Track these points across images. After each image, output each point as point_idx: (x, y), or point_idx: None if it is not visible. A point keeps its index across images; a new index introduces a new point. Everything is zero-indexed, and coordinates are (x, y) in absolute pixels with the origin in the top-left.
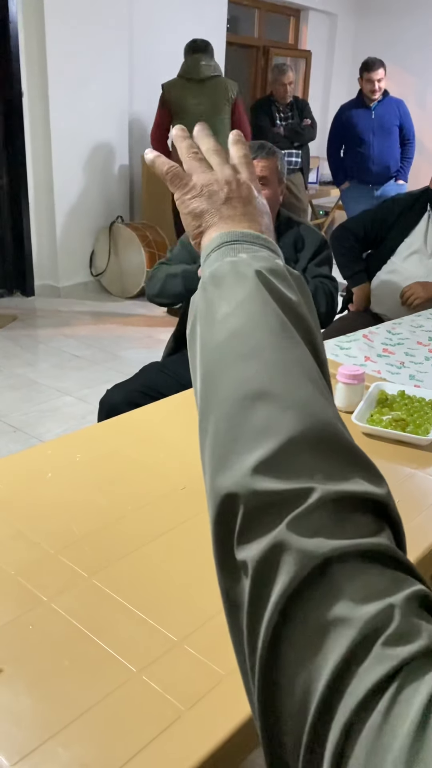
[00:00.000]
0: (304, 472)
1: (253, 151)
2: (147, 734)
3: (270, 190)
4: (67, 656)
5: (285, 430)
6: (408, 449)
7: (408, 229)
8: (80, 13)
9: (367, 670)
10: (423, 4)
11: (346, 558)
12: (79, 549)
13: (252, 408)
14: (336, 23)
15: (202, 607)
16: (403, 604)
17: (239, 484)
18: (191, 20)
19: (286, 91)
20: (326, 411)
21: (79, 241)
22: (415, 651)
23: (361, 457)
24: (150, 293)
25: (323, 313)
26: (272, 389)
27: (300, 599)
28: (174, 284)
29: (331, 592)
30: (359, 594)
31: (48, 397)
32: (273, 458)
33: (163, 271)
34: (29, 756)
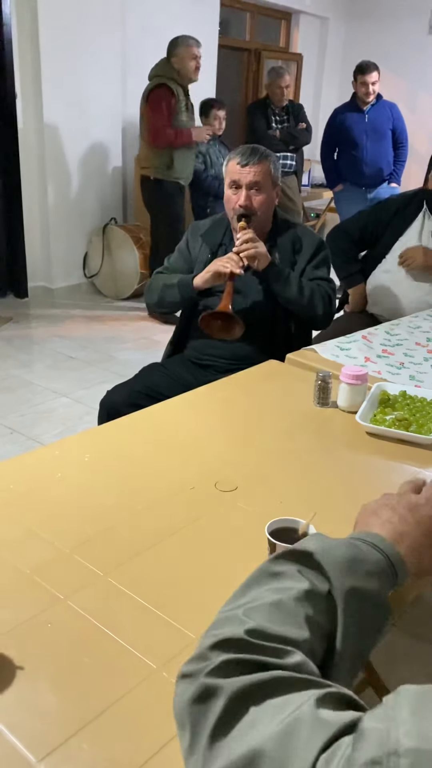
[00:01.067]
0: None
1: (245, 157)
2: (170, 729)
3: (265, 195)
4: (86, 653)
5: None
6: (411, 448)
7: (403, 229)
8: (74, 16)
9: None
10: (413, 8)
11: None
12: (92, 548)
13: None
14: (327, 27)
15: (216, 605)
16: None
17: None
18: (183, 23)
19: (282, 94)
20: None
21: (73, 242)
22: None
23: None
24: (149, 303)
25: (320, 315)
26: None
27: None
28: (171, 294)
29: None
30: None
31: (44, 398)
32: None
33: (159, 281)
34: (55, 751)
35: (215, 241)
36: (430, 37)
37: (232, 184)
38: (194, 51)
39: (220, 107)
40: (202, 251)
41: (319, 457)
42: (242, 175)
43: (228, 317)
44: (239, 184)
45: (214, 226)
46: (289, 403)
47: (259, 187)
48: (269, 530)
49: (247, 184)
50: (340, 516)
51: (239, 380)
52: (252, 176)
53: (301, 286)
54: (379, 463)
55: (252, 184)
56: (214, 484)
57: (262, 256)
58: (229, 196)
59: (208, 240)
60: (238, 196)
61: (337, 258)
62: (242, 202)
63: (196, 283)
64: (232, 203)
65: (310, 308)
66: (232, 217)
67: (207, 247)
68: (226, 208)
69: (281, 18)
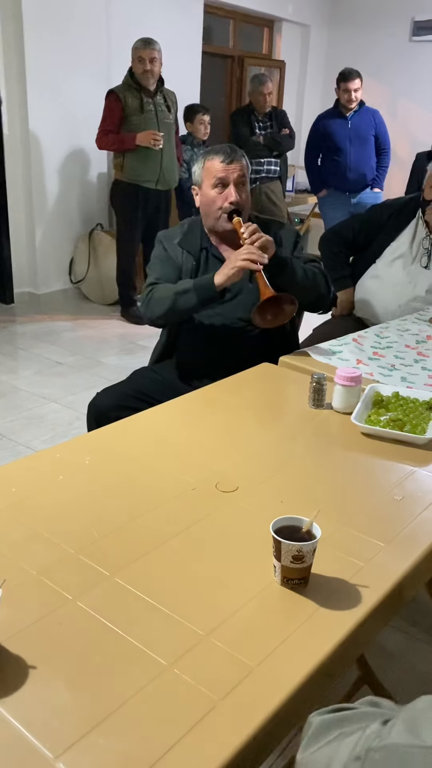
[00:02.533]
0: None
1: (227, 155)
2: (184, 724)
3: (246, 193)
4: (98, 652)
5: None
6: (406, 448)
7: (395, 234)
8: (58, 22)
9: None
10: (393, 16)
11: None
12: (98, 549)
13: None
14: (309, 34)
15: (224, 603)
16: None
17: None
18: (167, 30)
19: (265, 101)
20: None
21: (59, 248)
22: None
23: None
24: (153, 315)
25: (324, 294)
26: None
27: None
28: (186, 300)
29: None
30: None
31: (32, 404)
32: None
33: (164, 291)
34: (72, 748)
35: (195, 247)
36: (411, 44)
37: (218, 182)
38: (140, 52)
39: (205, 112)
40: (185, 260)
41: (317, 457)
42: (229, 172)
43: (277, 300)
44: (226, 182)
45: (188, 232)
46: (285, 405)
47: (244, 183)
48: (274, 528)
49: (235, 180)
50: (339, 514)
51: (234, 383)
52: (238, 171)
53: (303, 268)
54: (375, 462)
55: (240, 178)
56: (215, 485)
57: (271, 244)
58: (213, 197)
59: (187, 247)
60: (226, 194)
61: (329, 260)
62: (234, 198)
63: (218, 281)
64: (218, 203)
65: (314, 288)
66: (218, 217)
67: (189, 255)
68: (209, 210)
69: (264, 25)
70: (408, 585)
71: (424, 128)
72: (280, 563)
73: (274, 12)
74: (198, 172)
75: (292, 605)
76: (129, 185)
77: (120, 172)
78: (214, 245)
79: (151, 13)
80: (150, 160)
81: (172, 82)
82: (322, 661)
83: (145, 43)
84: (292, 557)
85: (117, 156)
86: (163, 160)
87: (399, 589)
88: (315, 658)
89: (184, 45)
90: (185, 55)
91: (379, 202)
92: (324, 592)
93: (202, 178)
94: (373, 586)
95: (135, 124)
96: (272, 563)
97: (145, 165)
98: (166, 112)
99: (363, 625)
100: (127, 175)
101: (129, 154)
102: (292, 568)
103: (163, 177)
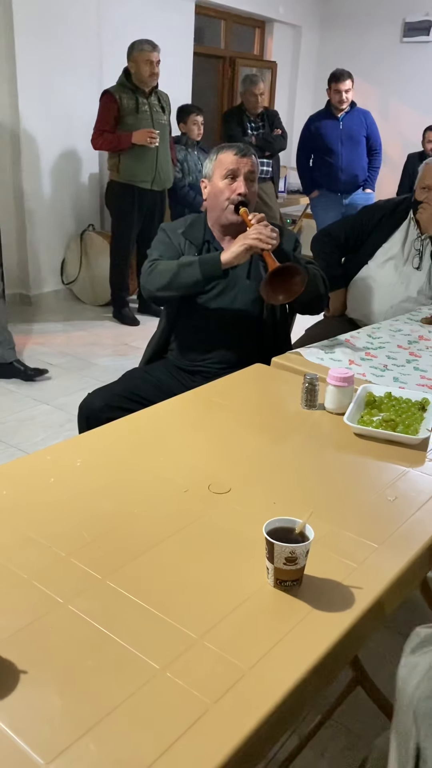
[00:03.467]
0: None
1: (241, 149)
2: (177, 728)
3: (254, 189)
4: (90, 656)
5: None
6: (399, 449)
7: (387, 235)
8: (49, 23)
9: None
10: (386, 16)
11: None
12: (90, 552)
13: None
14: (300, 35)
15: (216, 605)
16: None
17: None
18: (159, 31)
19: (257, 102)
20: None
21: (50, 249)
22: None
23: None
24: (153, 287)
25: (323, 294)
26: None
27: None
28: (188, 273)
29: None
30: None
31: (24, 405)
32: None
33: (167, 264)
34: (63, 754)
35: (198, 239)
36: (402, 45)
37: (229, 173)
38: (148, 55)
39: (198, 113)
40: (187, 249)
41: (310, 458)
42: (241, 164)
43: (285, 272)
44: (237, 174)
45: (192, 225)
46: (277, 406)
47: (253, 179)
48: (267, 530)
49: (245, 174)
50: (332, 515)
51: (226, 384)
52: (250, 166)
53: (305, 267)
54: (367, 463)
55: (250, 173)
56: (207, 486)
57: (278, 236)
58: (222, 188)
59: (190, 238)
60: (235, 186)
61: (321, 261)
62: (242, 189)
63: (224, 258)
64: (226, 194)
65: (314, 288)
66: (225, 208)
67: (192, 245)
68: (216, 201)
69: (255, 26)
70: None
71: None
72: (273, 565)
73: (265, 13)
74: (209, 165)
75: (285, 607)
76: (125, 186)
77: (116, 173)
78: (216, 239)
79: (142, 13)
80: (146, 160)
81: (165, 82)
82: (315, 664)
83: (153, 46)
84: (285, 559)
85: (112, 157)
86: (159, 160)
87: (392, 591)
88: (308, 660)
89: (176, 46)
90: (177, 55)
91: (370, 203)
92: (317, 593)
93: (213, 170)
94: (366, 588)
95: (130, 125)
96: (265, 565)
97: (141, 165)
98: (160, 113)
99: (356, 626)
100: (123, 176)
101: (125, 154)
102: (284, 570)
103: (158, 177)
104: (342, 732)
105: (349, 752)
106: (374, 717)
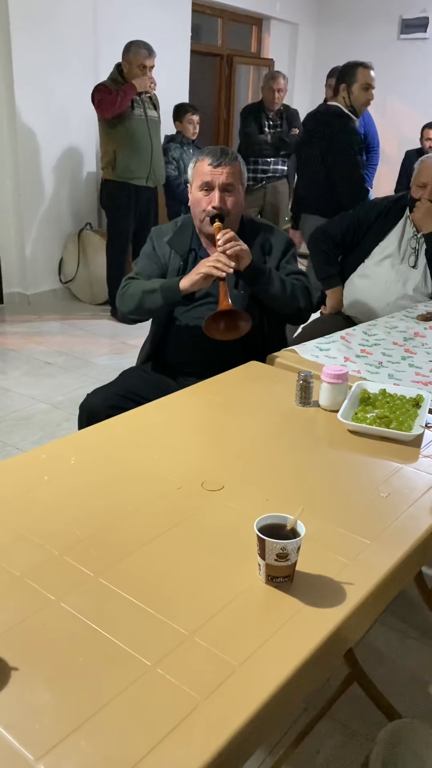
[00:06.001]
0: None
1: (216, 157)
2: (167, 724)
3: (236, 196)
4: (81, 653)
5: None
6: (393, 445)
7: (383, 234)
8: (46, 20)
9: None
10: (382, 14)
11: None
12: (82, 549)
13: None
14: (297, 32)
15: (208, 602)
16: None
17: None
18: (155, 29)
19: (274, 97)
20: None
21: (48, 248)
22: None
23: None
24: (124, 311)
25: (302, 308)
26: None
27: None
28: (152, 300)
29: None
30: None
31: (21, 404)
32: None
33: (135, 287)
34: (53, 750)
35: (184, 247)
36: (399, 42)
37: (204, 185)
38: (143, 60)
39: (193, 112)
40: (172, 259)
41: (303, 455)
42: (215, 176)
43: (232, 315)
44: (212, 186)
45: (180, 231)
46: (272, 403)
47: (231, 189)
48: (258, 527)
49: (220, 185)
50: (325, 512)
51: (221, 381)
52: (225, 177)
53: (283, 282)
54: (361, 459)
55: (225, 185)
56: (200, 484)
57: (246, 254)
58: (199, 198)
59: (176, 246)
60: (210, 198)
61: (317, 259)
62: (216, 203)
63: (183, 285)
64: (202, 205)
65: (293, 302)
66: (203, 219)
67: (177, 255)
68: (195, 211)
69: (252, 24)
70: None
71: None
72: (265, 561)
73: (262, 10)
74: (190, 172)
75: (277, 603)
76: (120, 184)
77: (111, 171)
78: (203, 247)
79: (139, 11)
80: (142, 156)
81: (161, 81)
82: (306, 660)
83: (150, 52)
84: (276, 555)
85: (107, 154)
86: (153, 155)
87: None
88: (299, 656)
89: (173, 43)
90: (174, 53)
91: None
92: (309, 589)
93: (192, 177)
94: (358, 584)
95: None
96: (257, 562)
97: (138, 161)
98: (152, 109)
99: (348, 622)
100: (120, 174)
101: (121, 152)
102: (276, 566)
103: (153, 173)
104: (338, 728)
105: (345, 748)
106: (370, 713)
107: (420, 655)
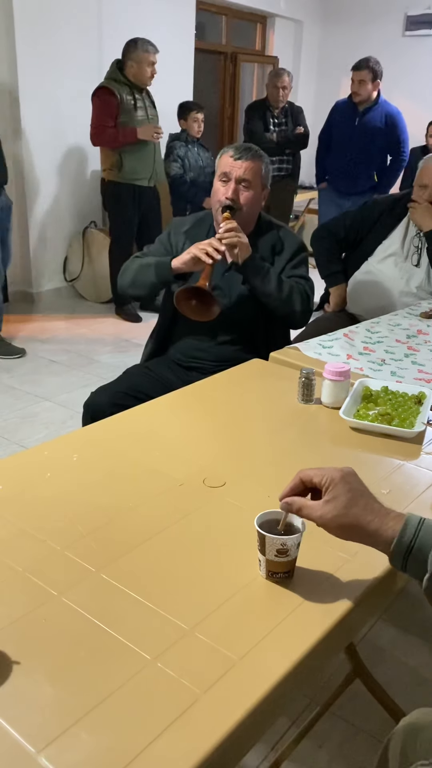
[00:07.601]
0: None
1: (239, 151)
2: (167, 717)
3: (253, 193)
4: (82, 647)
5: None
6: (395, 442)
7: (386, 232)
8: (50, 19)
9: None
10: (386, 11)
11: None
12: (84, 545)
13: None
14: (302, 30)
15: (209, 597)
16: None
17: None
18: (160, 26)
19: (279, 95)
20: None
21: (53, 246)
22: None
23: None
24: (122, 284)
25: (299, 311)
26: None
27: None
28: (147, 274)
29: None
30: None
31: (26, 402)
32: None
33: (136, 263)
34: (55, 742)
35: (200, 238)
36: (404, 38)
37: (222, 176)
38: (151, 57)
39: (198, 110)
40: (185, 247)
41: (305, 452)
42: (233, 168)
43: (205, 296)
44: (229, 177)
45: (197, 224)
46: (274, 401)
47: (248, 184)
48: (258, 523)
49: (237, 178)
50: None
51: (224, 379)
52: (242, 171)
53: (280, 282)
54: (363, 456)
55: (242, 179)
56: (202, 480)
57: (244, 246)
58: (218, 188)
59: (191, 237)
60: (226, 188)
61: (321, 256)
62: (229, 194)
63: (174, 264)
64: (219, 195)
65: (288, 305)
66: (217, 209)
67: (190, 244)
68: (212, 201)
69: (256, 21)
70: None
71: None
72: (265, 557)
73: (266, 8)
74: (217, 162)
75: (277, 598)
76: (125, 186)
77: (116, 173)
78: None
79: (143, 9)
80: (146, 158)
81: (166, 79)
82: (305, 654)
83: (155, 48)
84: (277, 551)
85: (111, 156)
86: (156, 156)
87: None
88: (298, 650)
89: (177, 41)
90: (178, 51)
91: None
92: (309, 585)
93: (216, 169)
94: (358, 579)
95: (126, 121)
96: (257, 557)
97: (142, 163)
98: (152, 108)
99: (347, 617)
100: (126, 176)
101: (127, 154)
102: (276, 562)
103: (155, 173)
104: (340, 724)
105: (348, 744)
106: (372, 709)
107: (422, 651)
